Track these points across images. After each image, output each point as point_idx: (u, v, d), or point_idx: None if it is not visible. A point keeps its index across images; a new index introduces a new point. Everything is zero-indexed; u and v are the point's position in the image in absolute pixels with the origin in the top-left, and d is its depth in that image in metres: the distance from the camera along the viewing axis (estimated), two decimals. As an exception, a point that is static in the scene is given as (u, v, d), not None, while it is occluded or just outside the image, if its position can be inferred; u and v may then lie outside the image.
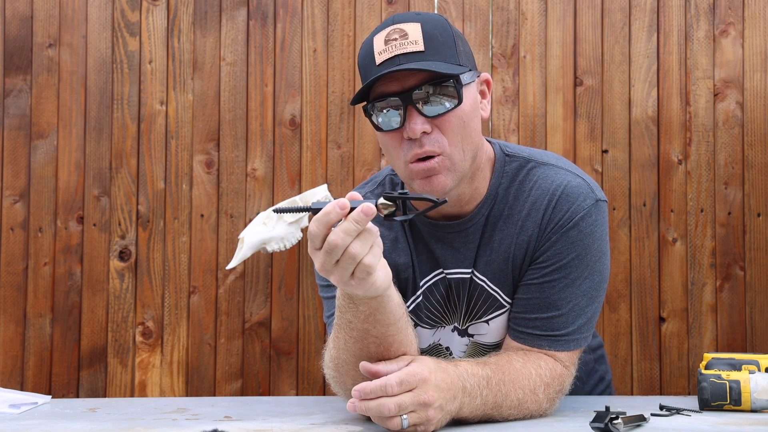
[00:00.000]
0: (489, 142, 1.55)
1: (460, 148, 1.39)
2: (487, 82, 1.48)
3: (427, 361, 1.25)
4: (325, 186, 2.36)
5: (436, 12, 2.41)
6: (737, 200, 2.37)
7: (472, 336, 1.57)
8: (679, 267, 2.36)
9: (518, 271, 1.50)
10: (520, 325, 1.48)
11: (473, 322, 1.55)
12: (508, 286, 1.51)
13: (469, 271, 1.51)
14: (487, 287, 1.51)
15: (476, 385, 1.28)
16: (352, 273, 1.16)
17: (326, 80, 2.41)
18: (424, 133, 1.36)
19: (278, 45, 2.43)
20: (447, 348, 1.60)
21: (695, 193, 2.37)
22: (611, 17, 2.40)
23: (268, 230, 2.28)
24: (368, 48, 1.40)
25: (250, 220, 2.38)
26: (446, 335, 1.58)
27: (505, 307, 1.52)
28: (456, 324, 1.57)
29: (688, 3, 2.39)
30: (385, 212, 1.18)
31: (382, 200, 1.17)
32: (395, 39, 1.36)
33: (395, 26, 1.37)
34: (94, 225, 2.41)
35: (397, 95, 1.35)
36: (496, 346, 1.57)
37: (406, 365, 1.24)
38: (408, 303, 1.54)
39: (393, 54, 1.35)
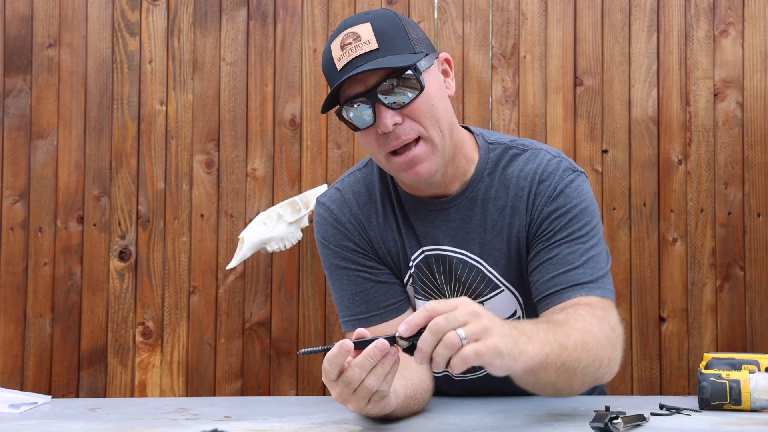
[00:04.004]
0: (471, 131, 1.59)
1: (437, 129, 1.44)
2: (447, 61, 1.53)
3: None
4: (324, 186, 2.36)
5: (435, 12, 2.42)
6: (737, 200, 2.37)
7: None
8: (679, 267, 2.36)
9: (517, 253, 1.54)
10: (542, 291, 1.47)
11: None
12: (504, 266, 1.54)
13: (453, 249, 1.55)
14: (483, 269, 1.54)
15: (530, 328, 1.24)
16: (368, 399, 1.22)
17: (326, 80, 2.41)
18: (396, 124, 1.42)
19: (278, 45, 2.43)
20: None
21: (695, 193, 2.37)
22: (611, 17, 2.40)
23: (268, 230, 2.28)
24: (328, 56, 1.46)
25: (250, 220, 2.39)
26: None
27: (501, 288, 1.56)
28: None
29: (688, 3, 2.39)
30: (404, 345, 1.21)
31: (399, 331, 1.21)
32: (349, 43, 1.42)
33: (347, 30, 1.44)
34: (94, 225, 2.41)
35: (362, 95, 1.42)
36: None
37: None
38: (404, 279, 1.60)
39: (350, 57, 1.42)
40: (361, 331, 1.23)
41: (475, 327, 1.14)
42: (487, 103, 2.40)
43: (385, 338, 1.20)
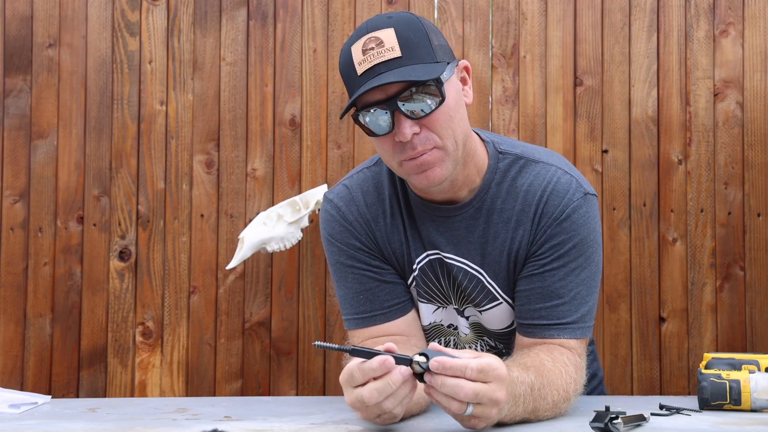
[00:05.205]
0: (482, 139, 1.58)
1: (452, 139, 1.43)
2: (466, 69, 1.51)
3: (499, 360, 1.25)
4: (324, 186, 2.36)
5: (435, 12, 2.42)
6: (737, 200, 2.37)
7: (468, 317, 1.61)
8: (679, 267, 2.36)
9: (514, 267, 1.54)
10: (526, 317, 1.51)
11: (467, 305, 1.59)
12: (503, 279, 1.54)
13: (454, 257, 1.55)
14: (483, 279, 1.54)
15: (522, 393, 1.30)
16: (379, 415, 1.25)
17: (326, 80, 2.41)
18: (415, 134, 1.40)
19: (278, 45, 2.43)
20: (450, 326, 1.64)
21: (695, 193, 2.37)
22: (611, 17, 2.40)
23: (268, 230, 2.28)
24: (347, 58, 1.43)
25: (250, 220, 2.39)
26: (450, 314, 1.62)
27: (499, 300, 1.56)
28: (454, 305, 1.61)
29: (688, 3, 2.39)
30: (419, 370, 1.23)
31: (417, 358, 1.23)
32: (372, 48, 1.39)
33: (370, 35, 1.40)
34: (94, 225, 2.41)
35: (382, 102, 1.39)
36: (500, 333, 1.59)
37: (479, 357, 1.23)
38: (408, 281, 1.60)
39: (372, 64, 1.39)
40: (390, 346, 1.24)
41: (483, 412, 1.22)
42: (487, 103, 2.40)
43: (402, 359, 1.21)
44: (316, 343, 1.23)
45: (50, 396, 1.75)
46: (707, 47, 2.39)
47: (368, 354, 1.22)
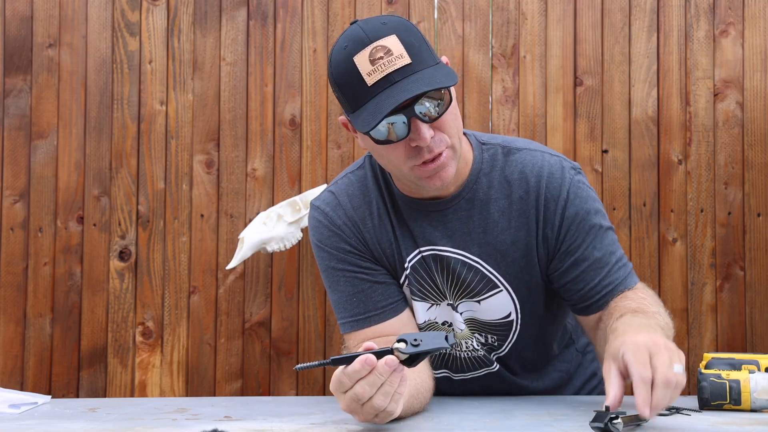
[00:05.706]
0: (464, 132, 1.60)
1: (457, 137, 1.47)
2: (447, 64, 1.53)
3: (642, 337, 1.37)
4: (325, 186, 2.36)
5: (435, 12, 2.42)
6: (737, 200, 2.37)
7: (461, 313, 1.61)
8: (679, 267, 2.36)
9: (526, 255, 1.55)
10: (590, 298, 1.56)
11: (462, 300, 1.60)
12: (505, 267, 1.56)
13: (450, 250, 1.56)
14: (483, 269, 1.55)
15: (653, 325, 1.42)
16: (377, 414, 1.26)
17: (326, 80, 2.41)
18: (432, 137, 1.42)
19: (278, 45, 2.43)
20: (444, 323, 1.64)
21: (695, 193, 2.37)
22: (611, 17, 2.40)
23: (268, 230, 2.28)
24: (349, 68, 1.41)
25: (250, 220, 2.39)
26: (445, 312, 1.62)
27: (499, 288, 1.57)
28: (448, 301, 1.61)
29: (688, 3, 2.39)
30: (402, 357, 1.24)
31: (396, 345, 1.24)
32: (381, 57, 1.39)
33: (375, 44, 1.39)
34: (94, 225, 2.41)
35: (400, 111, 1.39)
36: (496, 324, 1.60)
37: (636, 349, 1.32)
38: (400, 281, 1.61)
39: (385, 73, 1.39)
40: (369, 344, 1.25)
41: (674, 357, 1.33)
42: (487, 103, 2.41)
43: (382, 352, 1.22)
44: (297, 366, 1.25)
45: (50, 396, 1.75)
46: (707, 47, 2.39)
47: (349, 359, 1.22)
